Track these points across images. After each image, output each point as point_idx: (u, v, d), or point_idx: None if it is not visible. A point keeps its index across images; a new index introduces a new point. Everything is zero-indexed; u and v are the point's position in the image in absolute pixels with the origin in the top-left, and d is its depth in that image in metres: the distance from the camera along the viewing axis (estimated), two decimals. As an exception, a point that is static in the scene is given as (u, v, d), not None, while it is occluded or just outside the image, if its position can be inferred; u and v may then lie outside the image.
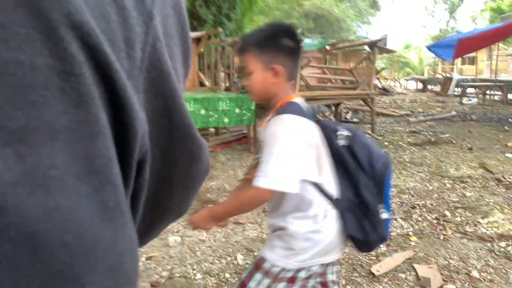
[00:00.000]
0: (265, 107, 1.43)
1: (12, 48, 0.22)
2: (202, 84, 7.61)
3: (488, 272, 2.58)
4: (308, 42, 8.62)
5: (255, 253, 2.83)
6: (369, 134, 7.39)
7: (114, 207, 0.26)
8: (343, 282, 2.47)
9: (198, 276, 2.55)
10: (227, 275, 2.57)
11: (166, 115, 0.33)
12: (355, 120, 9.24)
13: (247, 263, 2.70)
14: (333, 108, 8.38)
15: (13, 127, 0.21)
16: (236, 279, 2.50)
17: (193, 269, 2.64)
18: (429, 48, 10.38)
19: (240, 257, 2.80)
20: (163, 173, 0.36)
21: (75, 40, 0.24)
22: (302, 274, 1.34)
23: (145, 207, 0.35)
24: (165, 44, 0.32)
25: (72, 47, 0.24)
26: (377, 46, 7.71)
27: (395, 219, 3.44)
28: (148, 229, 0.40)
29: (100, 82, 0.25)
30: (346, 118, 9.17)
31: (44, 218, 0.22)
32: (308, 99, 6.06)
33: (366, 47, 9.58)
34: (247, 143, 6.20)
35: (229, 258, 2.80)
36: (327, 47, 8.97)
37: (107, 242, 0.26)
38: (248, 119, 5.72)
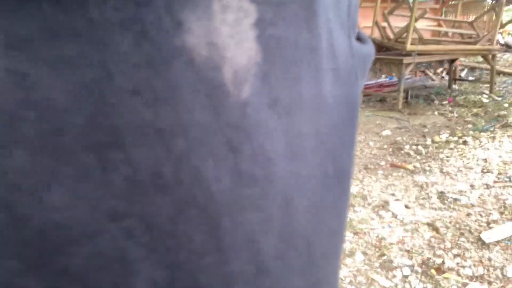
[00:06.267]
0: None
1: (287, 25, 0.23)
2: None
3: None
4: (424, -9, 7.90)
5: (355, 208, 2.81)
6: (486, 94, 6.76)
7: (332, 175, 0.27)
8: (449, 245, 2.37)
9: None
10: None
11: None
12: (470, 78, 8.48)
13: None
14: (447, 64, 7.74)
15: (285, 100, 0.23)
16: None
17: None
18: None
19: (340, 210, 2.80)
20: None
21: (321, 16, 0.25)
22: None
23: None
24: None
25: (319, 21, 0.25)
26: (504, -4, 6.85)
27: (512, 187, 3.17)
28: None
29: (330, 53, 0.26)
30: (460, 76, 8.44)
31: (294, 185, 0.24)
32: (421, 54, 5.66)
33: (491, -2, 8.56)
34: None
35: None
36: (446, -3, 8.18)
37: (328, 208, 0.28)
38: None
